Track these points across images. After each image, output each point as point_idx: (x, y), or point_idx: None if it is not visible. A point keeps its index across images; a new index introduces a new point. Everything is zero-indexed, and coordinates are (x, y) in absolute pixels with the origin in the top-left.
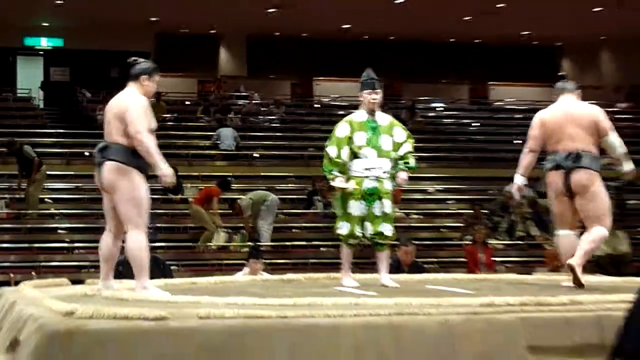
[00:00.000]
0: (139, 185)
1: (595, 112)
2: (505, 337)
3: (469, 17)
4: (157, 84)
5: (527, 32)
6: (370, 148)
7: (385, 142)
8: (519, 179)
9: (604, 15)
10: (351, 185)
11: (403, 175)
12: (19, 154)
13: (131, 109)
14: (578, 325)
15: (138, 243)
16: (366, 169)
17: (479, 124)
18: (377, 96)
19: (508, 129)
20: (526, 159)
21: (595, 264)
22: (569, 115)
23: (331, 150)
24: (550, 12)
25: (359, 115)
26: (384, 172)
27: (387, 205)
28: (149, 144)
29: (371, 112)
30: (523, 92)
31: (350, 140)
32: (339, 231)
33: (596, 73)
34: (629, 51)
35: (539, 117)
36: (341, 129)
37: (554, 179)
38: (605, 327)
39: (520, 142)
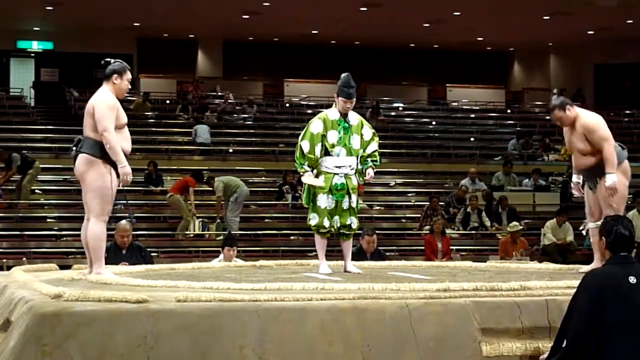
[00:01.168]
0: (105, 177)
1: None
2: (459, 319)
3: (427, 25)
4: (129, 81)
5: (481, 39)
6: (341, 147)
7: (355, 141)
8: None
9: (552, 23)
10: (320, 182)
11: (372, 173)
12: (8, 161)
13: (97, 108)
14: (527, 309)
15: (97, 232)
16: (336, 167)
17: (436, 123)
18: (352, 105)
19: (463, 128)
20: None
21: (542, 252)
22: None
23: (305, 144)
24: (503, 20)
25: (332, 114)
26: (352, 169)
27: (354, 200)
28: (113, 143)
29: (344, 114)
30: (477, 93)
31: (323, 137)
32: (310, 222)
33: (544, 76)
34: (573, 56)
35: (602, 119)
36: (315, 126)
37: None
38: (552, 311)
39: (474, 139)
